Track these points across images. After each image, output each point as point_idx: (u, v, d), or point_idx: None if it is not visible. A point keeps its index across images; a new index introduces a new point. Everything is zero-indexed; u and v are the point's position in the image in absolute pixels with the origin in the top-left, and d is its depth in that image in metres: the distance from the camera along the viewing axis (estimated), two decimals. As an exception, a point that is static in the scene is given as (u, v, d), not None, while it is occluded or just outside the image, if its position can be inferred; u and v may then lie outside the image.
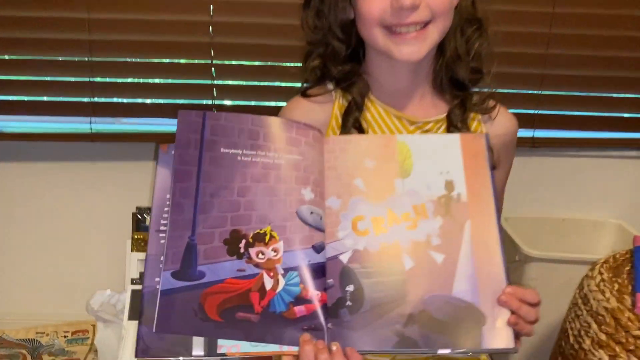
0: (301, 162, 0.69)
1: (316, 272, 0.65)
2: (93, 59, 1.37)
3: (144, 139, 1.49)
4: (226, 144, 0.68)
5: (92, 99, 1.42)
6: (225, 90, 1.45)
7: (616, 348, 1.01)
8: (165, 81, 1.44)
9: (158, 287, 0.64)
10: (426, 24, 0.77)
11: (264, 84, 1.44)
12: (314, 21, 0.84)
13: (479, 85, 0.87)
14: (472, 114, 0.87)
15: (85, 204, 1.53)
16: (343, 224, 0.68)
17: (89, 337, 1.48)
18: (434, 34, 0.78)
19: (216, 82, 1.43)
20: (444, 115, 0.87)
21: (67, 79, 1.42)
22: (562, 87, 1.49)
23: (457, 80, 0.85)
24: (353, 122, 0.83)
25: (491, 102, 0.88)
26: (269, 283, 0.65)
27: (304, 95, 0.87)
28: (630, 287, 1.05)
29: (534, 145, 1.50)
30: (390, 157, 0.71)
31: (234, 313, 0.63)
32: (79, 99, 1.43)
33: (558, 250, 1.42)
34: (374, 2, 0.77)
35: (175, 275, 0.64)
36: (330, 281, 0.66)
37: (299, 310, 0.64)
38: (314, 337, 0.63)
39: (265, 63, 1.42)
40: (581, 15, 1.41)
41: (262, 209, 0.66)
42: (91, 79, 1.40)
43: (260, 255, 0.65)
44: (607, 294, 1.06)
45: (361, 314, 0.64)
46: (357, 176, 0.70)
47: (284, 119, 0.74)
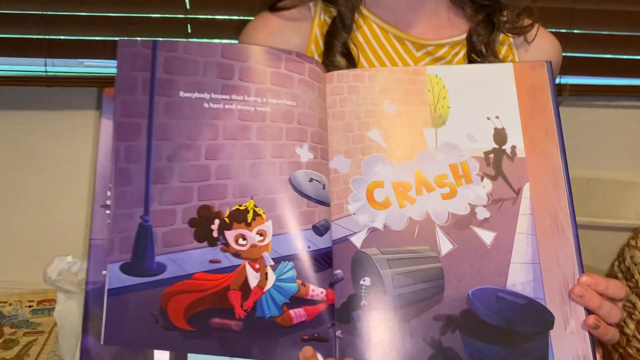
0: (294, 109, 0.60)
1: (319, 262, 0.58)
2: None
3: (108, 83, 1.41)
4: (187, 85, 0.59)
5: (47, 36, 1.33)
6: (201, 26, 1.36)
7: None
8: (132, 15, 1.35)
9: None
10: None
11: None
12: None
13: None
14: (501, 36, 0.76)
15: (45, 157, 1.48)
16: (355, 194, 0.60)
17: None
18: None
19: (190, 15, 1.35)
20: (462, 37, 0.75)
21: (17, 11, 1.35)
22: (594, 25, 1.40)
23: None
24: (340, 46, 0.72)
25: (526, 20, 0.77)
26: (254, 278, 0.57)
27: (273, 9, 0.75)
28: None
29: (560, 93, 1.45)
30: (419, 98, 0.62)
31: (207, 319, 0.56)
32: (30, 35, 1.35)
33: (582, 214, 1.34)
34: None
35: (125, 269, 0.57)
36: (338, 273, 0.58)
37: (297, 314, 0.57)
38: (318, 351, 0.56)
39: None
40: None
41: (241, 176, 0.59)
42: (45, 12, 1.32)
43: (241, 241, 0.58)
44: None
45: (381, 318, 0.57)
46: (373, 126, 0.62)
47: (267, 47, 0.62)
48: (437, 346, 0.56)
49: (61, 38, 1.36)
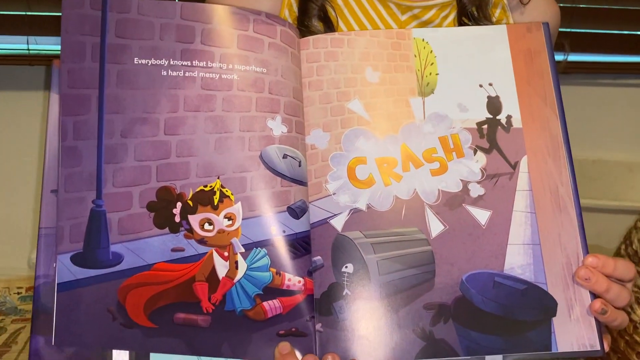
0: (265, 76, 0.57)
1: (295, 248, 0.56)
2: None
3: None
4: (142, 50, 0.56)
5: (28, 12, 1.31)
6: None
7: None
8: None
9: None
10: None
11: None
12: None
13: None
14: None
15: (28, 138, 1.45)
16: (334, 172, 0.58)
17: (46, 294, 1.51)
18: None
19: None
20: None
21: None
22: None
23: None
24: (316, 9, 0.70)
25: None
26: (222, 268, 0.54)
27: None
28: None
29: (565, 70, 1.43)
30: (404, 65, 0.60)
31: (171, 314, 0.54)
32: (12, 12, 1.34)
33: (586, 197, 1.33)
34: None
35: (77, 260, 0.54)
36: (317, 260, 0.56)
37: (271, 307, 0.54)
38: (296, 346, 0.53)
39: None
40: None
41: (205, 153, 0.56)
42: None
43: (207, 226, 0.55)
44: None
45: (366, 309, 0.54)
46: (354, 96, 0.59)
47: (232, 7, 0.58)
48: (429, 338, 0.53)
49: (43, 14, 1.35)
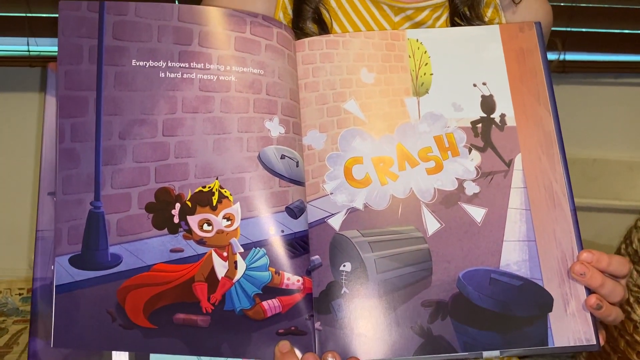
0: (262, 78, 0.57)
1: (294, 247, 0.56)
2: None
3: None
4: (140, 52, 0.56)
5: (29, 14, 1.32)
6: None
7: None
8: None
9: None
10: None
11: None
12: None
13: None
14: None
15: (29, 139, 1.46)
16: (331, 172, 0.58)
17: (47, 295, 1.51)
18: None
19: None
20: None
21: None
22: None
23: None
24: (311, 11, 0.70)
25: None
26: (221, 268, 0.54)
27: None
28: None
29: (564, 70, 1.41)
30: (398, 65, 0.60)
31: (170, 315, 0.53)
32: (12, 13, 1.35)
33: (587, 196, 1.36)
34: None
35: (75, 262, 0.54)
36: (315, 259, 0.55)
37: (270, 306, 0.54)
38: (296, 345, 0.53)
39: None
40: None
41: (203, 154, 0.56)
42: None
43: (206, 227, 0.55)
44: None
45: (365, 307, 0.54)
46: (350, 97, 0.59)
47: (229, 9, 0.58)
48: (427, 335, 0.53)
49: (44, 16, 1.36)
